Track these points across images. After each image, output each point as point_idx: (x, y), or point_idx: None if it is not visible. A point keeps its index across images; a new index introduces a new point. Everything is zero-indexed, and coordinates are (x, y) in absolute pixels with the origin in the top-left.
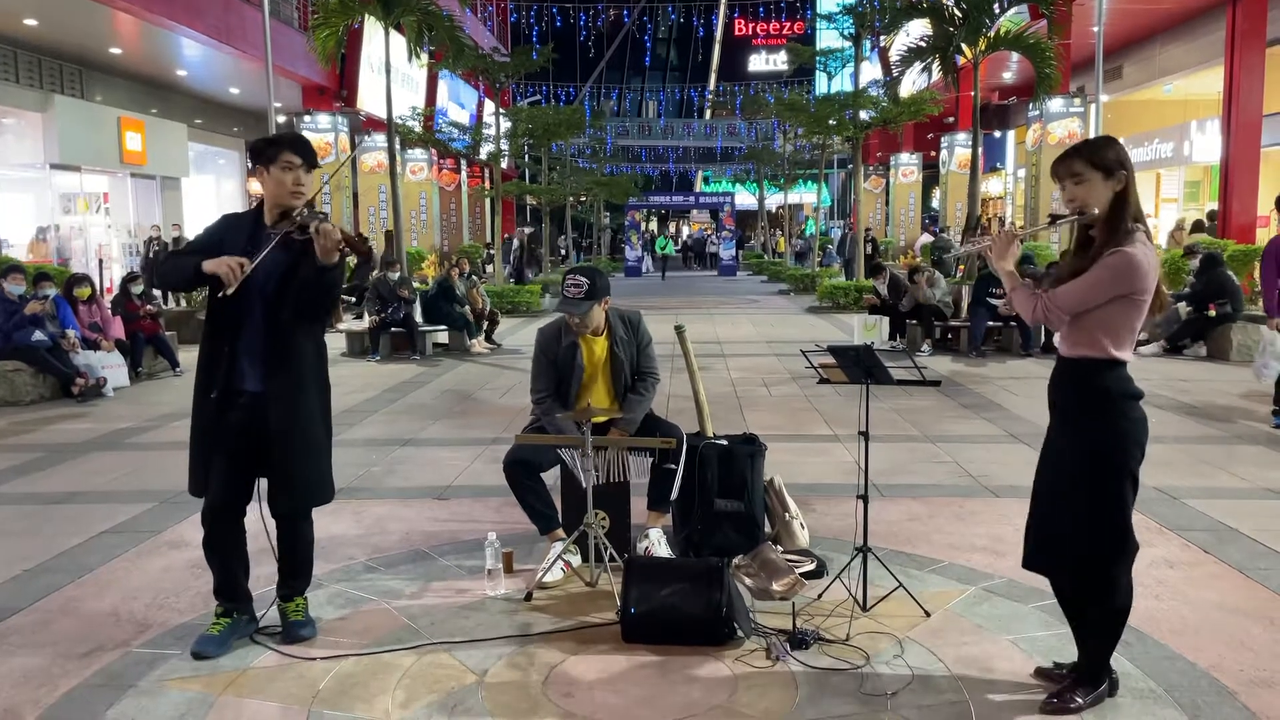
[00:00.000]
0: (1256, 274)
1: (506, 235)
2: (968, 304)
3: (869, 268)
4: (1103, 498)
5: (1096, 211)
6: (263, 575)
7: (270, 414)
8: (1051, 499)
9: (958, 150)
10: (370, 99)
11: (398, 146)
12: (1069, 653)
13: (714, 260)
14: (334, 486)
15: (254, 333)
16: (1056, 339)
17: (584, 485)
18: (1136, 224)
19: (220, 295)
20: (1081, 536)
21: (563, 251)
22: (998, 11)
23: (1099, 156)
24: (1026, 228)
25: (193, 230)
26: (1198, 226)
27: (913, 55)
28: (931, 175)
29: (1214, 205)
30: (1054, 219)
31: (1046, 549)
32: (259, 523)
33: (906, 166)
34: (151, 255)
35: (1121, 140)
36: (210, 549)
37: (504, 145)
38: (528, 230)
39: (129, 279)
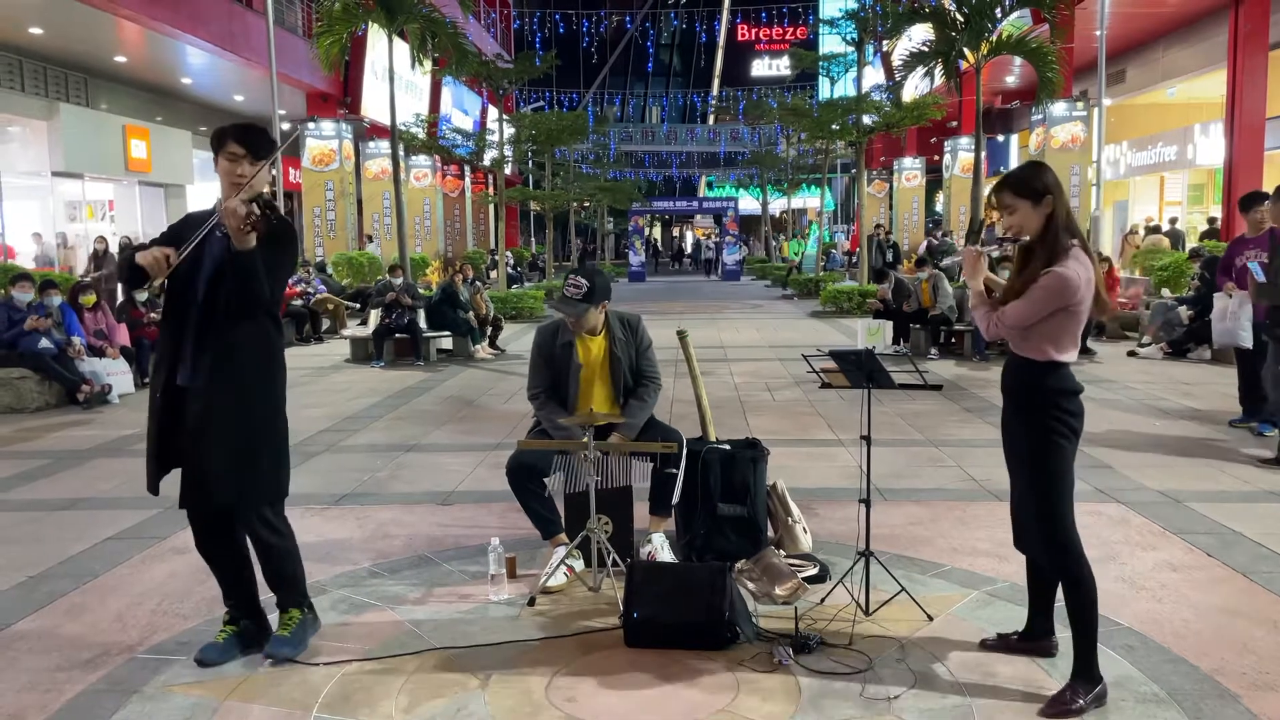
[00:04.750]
0: None
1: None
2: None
3: (874, 273)
4: (1043, 478)
5: (1027, 238)
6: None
7: (208, 408)
8: (1014, 479)
9: (961, 154)
10: (374, 106)
11: (401, 153)
12: (1072, 655)
13: (712, 265)
14: (275, 487)
15: (192, 325)
16: None
17: (574, 490)
18: (1072, 239)
19: (147, 286)
20: (1039, 514)
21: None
22: (1000, 16)
23: (1024, 187)
24: (984, 246)
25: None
26: (1152, 230)
27: (915, 60)
28: (935, 179)
29: (1173, 211)
30: (1000, 241)
31: (1020, 526)
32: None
33: (910, 171)
34: None
35: (1125, 143)
36: (201, 554)
37: (507, 151)
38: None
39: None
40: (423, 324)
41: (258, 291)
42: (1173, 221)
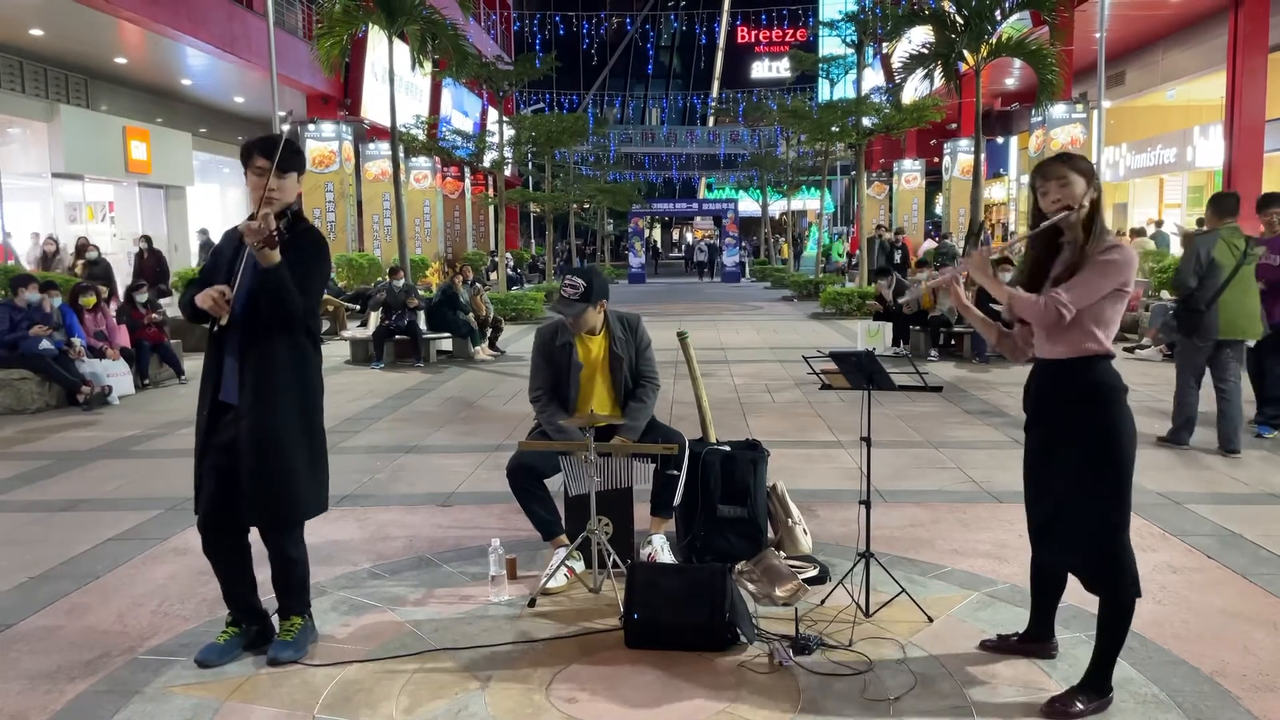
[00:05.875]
0: None
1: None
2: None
3: (873, 273)
4: (1110, 484)
5: (1085, 207)
6: (269, 582)
7: (241, 425)
8: (1059, 501)
9: (960, 156)
10: (374, 107)
11: (401, 154)
12: (1073, 656)
13: (707, 268)
14: (315, 503)
15: (234, 344)
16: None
17: (574, 491)
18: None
19: (215, 328)
20: (1094, 530)
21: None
22: (1000, 18)
23: (1081, 163)
24: (1004, 242)
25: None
26: (1136, 234)
27: (915, 62)
28: (935, 181)
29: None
30: (1037, 224)
31: (1053, 543)
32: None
33: (910, 173)
34: None
35: (1124, 145)
36: (210, 560)
37: (507, 153)
38: None
39: (134, 288)
40: (423, 325)
41: (291, 306)
42: (1158, 225)
